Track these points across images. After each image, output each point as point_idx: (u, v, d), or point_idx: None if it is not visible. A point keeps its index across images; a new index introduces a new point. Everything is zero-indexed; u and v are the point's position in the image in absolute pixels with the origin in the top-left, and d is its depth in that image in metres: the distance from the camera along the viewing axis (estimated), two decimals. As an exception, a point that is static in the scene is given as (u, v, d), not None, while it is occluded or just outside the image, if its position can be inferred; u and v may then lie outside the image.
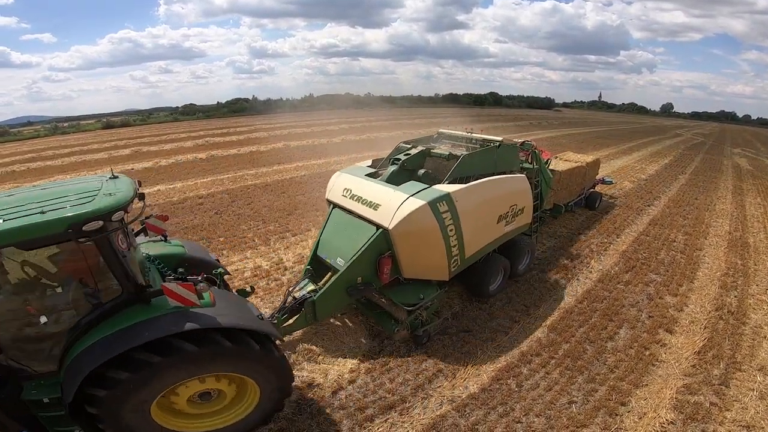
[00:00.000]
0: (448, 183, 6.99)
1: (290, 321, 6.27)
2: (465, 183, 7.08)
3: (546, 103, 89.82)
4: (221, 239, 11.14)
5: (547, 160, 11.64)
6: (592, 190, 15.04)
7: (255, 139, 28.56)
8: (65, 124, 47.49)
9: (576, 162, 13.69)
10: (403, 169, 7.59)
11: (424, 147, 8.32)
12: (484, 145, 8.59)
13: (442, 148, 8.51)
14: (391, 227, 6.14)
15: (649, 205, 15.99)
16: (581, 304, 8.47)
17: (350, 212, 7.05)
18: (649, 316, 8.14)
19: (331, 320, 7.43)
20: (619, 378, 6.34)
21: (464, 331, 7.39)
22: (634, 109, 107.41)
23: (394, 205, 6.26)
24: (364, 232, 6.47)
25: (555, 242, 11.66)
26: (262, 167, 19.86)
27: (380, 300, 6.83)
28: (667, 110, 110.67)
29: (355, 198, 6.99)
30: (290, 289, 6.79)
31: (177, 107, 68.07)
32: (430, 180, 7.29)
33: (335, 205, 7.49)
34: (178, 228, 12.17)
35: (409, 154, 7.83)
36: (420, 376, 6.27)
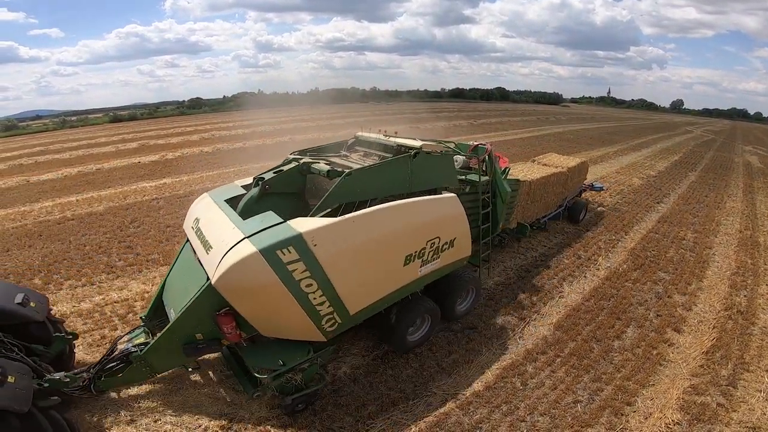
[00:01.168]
0: (323, 214, 5.05)
1: (119, 375, 5.08)
2: (357, 209, 5.11)
3: (554, 99, 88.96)
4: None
5: (505, 170, 8.89)
6: (577, 198, 13.09)
7: (261, 133, 28.57)
8: (73, 118, 48.04)
9: (555, 168, 11.38)
10: (270, 193, 5.84)
11: (314, 159, 6.52)
12: (397, 153, 6.36)
13: (337, 161, 6.56)
14: (213, 281, 4.44)
15: (658, 203, 15.78)
16: (588, 302, 8.36)
17: (194, 250, 5.46)
18: (657, 315, 8.02)
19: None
20: (625, 377, 6.21)
21: (469, 329, 7.31)
22: (643, 105, 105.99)
23: (222, 249, 4.56)
24: (197, 280, 4.89)
25: (562, 239, 11.54)
26: (268, 161, 19.72)
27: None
28: (677, 107, 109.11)
29: (198, 232, 5.38)
30: (118, 339, 5.69)
31: (183, 101, 68.51)
32: (300, 209, 5.71)
33: (188, 239, 5.97)
34: (181, 222, 12.18)
35: (281, 170, 6.13)
36: (423, 373, 6.21)
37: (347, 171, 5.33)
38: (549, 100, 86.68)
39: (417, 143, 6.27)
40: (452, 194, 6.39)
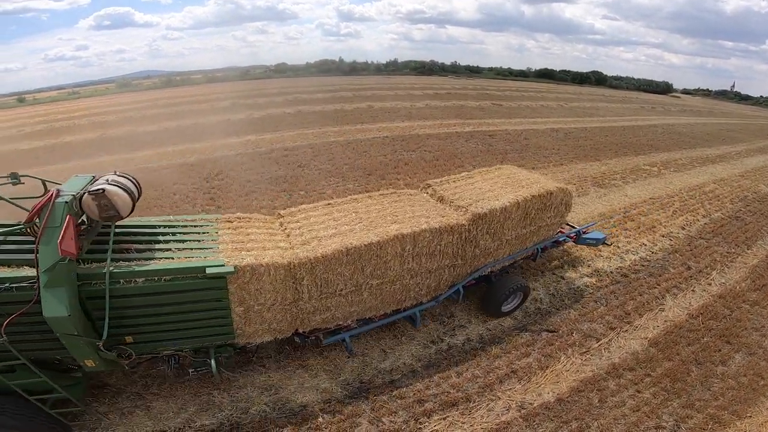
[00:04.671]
0: None
1: None
2: None
3: (662, 88, 78.21)
4: (301, 192, 11.33)
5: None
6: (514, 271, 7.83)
7: (340, 98, 28.75)
8: (177, 78, 53.26)
9: (447, 221, 5.59)
10: None
11: None
12: None
13: None
14: None
15: (792, 216, 13.06)
16: (694, 320, 7.33)
17: None
18: (777, 345, 6.79)
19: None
20: (721, 407, 5.50)
21: (549, 331, 6.71)
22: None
23: None
24: None
25: (670, 243, 10.00)
26: (345, 125, 19.94)
27: None
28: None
29: None
30: None
31: (270, 66, 71.79)
32: None
33: None
34: (262, 178, 12.62)
35: None
36: (491, 374, 5.77)
37: None
38: (656, 88, 76.26)
39: None
40: None
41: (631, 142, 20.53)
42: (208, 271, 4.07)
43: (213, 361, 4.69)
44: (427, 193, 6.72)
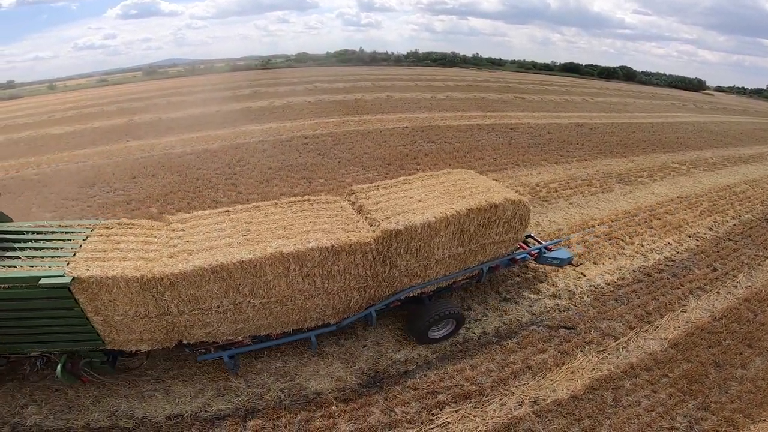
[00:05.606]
0: None
1: None
2: None
3: (694, 85, 75.09)
4: (321, 180, 11.41)
5: None
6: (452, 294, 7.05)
7: (360, 88, 28.66)
8: (201, 66, 54.49)
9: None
10: None
11: None
12: None
13: None
14: None
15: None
16: (717, 321, 7.12)
17: None
18: (805, 352, 6.53)
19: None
20: (736, 410, 5.41)
21: (567, 327, 6.61)
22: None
23: None
24: None
25: (696, 244, 9.68)
26: (365, 115, 19.90)
27: None
28: None
29: None
30: None
31: (291, 55, 72.25)
32: None
33: None
34: (283, 165, 12.76)
35: None
36: (505, 368, 5.74)
37: None
38: (688, 85, 73.32)
39: None
40: None
41: (660, 140, 19.84)
42: (42, 281, 3.98)
43: (60, 366, 4.63)
44: (349, 201, 5.95)
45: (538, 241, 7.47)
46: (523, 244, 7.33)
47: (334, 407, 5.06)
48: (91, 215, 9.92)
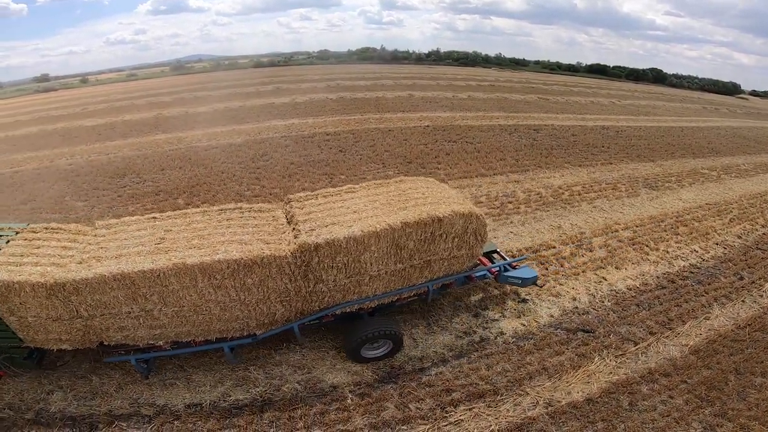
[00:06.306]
0: None
1: None
2: None
3: (728, 89, 72.09)
4: (342, 177, 11.55)
5: None
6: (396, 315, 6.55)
7: (381, 86, 28.73)
8: (226, 62, 55.97)
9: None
10: None
11: None
12: None
13: None
14: None
15: None
16: (741, 330, 6.97)
17: None
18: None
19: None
20: (753, 417, 5.31)
21: (585, 330, 6.55)
22: None
23: None
24: None
25: (723, 251, 9.40)
26: (386, 113, 19.95)
27: None
28: None
29: None
30: None
31: (313, 52, 72.95)
32: None
33: None
34: (305, 161, 12.96)
35: None
36: (521, 369, 5.73)
37: None
38: (721, 89, 70.46)
39: None
40: None
41: (690, 144, 19.22)
42: None
43: None
44: (283, 210, 5.75)
45: (503, 257, 6.94)
46: (485, 260, 6.77)
47: (349, 401, 5.15)
48: (121, 205, 10.34)
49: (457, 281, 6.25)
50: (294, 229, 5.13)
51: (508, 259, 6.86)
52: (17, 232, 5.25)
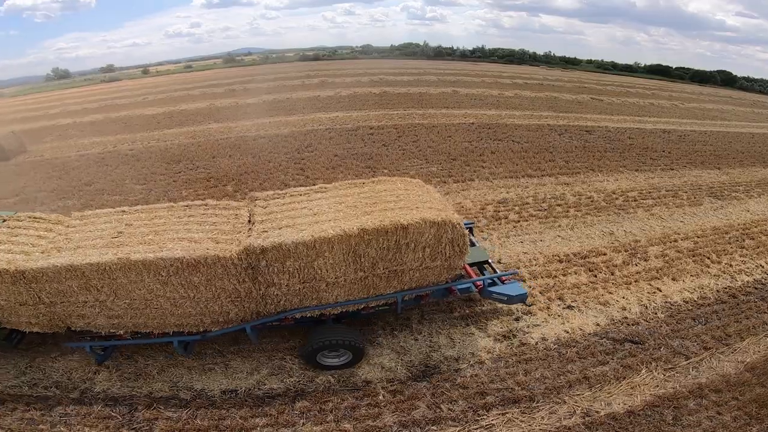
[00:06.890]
0: None
1: None
2: None
3: (806, 91, 65.13)
4: (385, 171, 11.59)
5: None
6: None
7: (425, 82, 28.52)
8: (274, 56, 58.03)
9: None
10: None
11: None
12: None
13: None
14: None
15: None
16: None
17: None
18: None
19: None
20: None
21: (633, 342, 6.16)
22: None
23: None
24: None
25: (799, 271, 8.51)
26: (429, 109, 19.80)
27: None
28: None
29: None
30: None
31: (356, 47, 73.66)
32: None
33: None
34: (348, 153, 13.12)
35: None
36: (561, 377, 5.47)
37: None
38: (798, 92, 63.82)
39: None
40: None
41: (761, 152, 17.57)
42: None
43: None
44: (247, 209, 5.60)
45: (494, 270, 6.35)
46: (473, 272, 6.25)
47: (380, 397, 5.12)
48: (175, 190, 10.94)
49: (434, 294, 5.77)
50: (252, 229, 5.00)
51: (498, 271, 6.26)
52: (4, 220, 5.66)
